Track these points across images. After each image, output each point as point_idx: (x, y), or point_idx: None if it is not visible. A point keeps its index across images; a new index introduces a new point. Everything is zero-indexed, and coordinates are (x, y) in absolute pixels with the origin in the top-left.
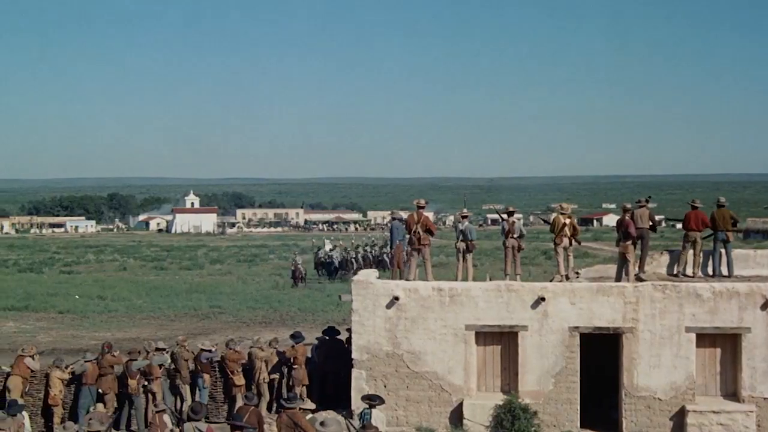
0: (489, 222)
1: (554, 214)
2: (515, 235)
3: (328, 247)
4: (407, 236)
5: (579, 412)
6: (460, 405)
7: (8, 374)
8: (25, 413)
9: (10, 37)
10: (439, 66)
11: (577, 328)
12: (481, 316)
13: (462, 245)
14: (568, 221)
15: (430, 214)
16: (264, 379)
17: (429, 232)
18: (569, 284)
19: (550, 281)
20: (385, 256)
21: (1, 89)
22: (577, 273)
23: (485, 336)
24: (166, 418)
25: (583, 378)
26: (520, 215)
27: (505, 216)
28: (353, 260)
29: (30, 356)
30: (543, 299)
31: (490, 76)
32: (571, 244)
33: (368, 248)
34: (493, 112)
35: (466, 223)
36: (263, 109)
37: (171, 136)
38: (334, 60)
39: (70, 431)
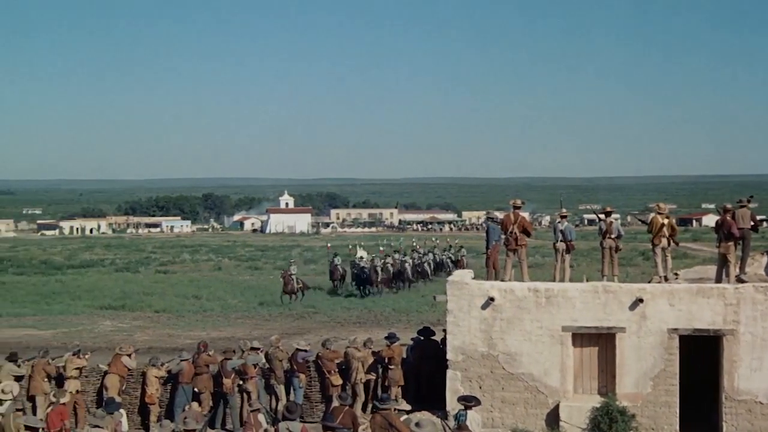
0: (585, 222)
1: (652, 214)
2: (613, 236)
3: (360, 254)
4: (502, 237)
5: (678, 415)
6: (557, 407)
7: (106, 372)
8: (122, 411)
9: (106, 37)
10: (536, 64)
11: (676, 330)
12: (578, 317)
13: (561, 245)
14: (666, 221)
15: (525, 215)
16: (361, 379)
17: (526, 232)
18: (668, 285)
19: (649, 282)
20: (426, 265)
21: (96, 91)
22: (676, 274)
23: (582, 337)
24: (261, 417)
25: (683, 381)
26: (618, 215)
27: (602, 216)
28: (377, 270)
29: (127, 355)
30: (641, 300)
31: (586, 74)
32: (669, 244)
33: (407, 256)
34: (591, 111)
35: (566, 223)
36: (358, 109)
37: (266, 136)
38: (429, 60)
39: (166, 429)
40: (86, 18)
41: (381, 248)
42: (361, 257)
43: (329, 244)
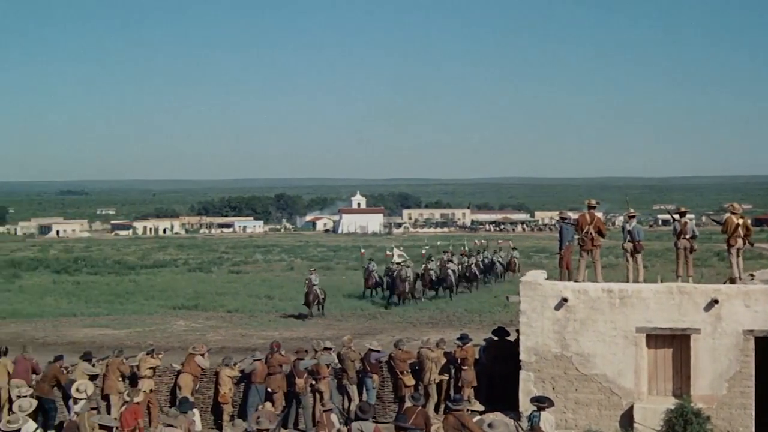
0: (660, 222)
1: (727, 215)
2: (687, 236)
3: (395, 259)
4: (576, 237)
5: (753, 417)
6: (631, 409)
7: (179, 372)
8: (195, 410)
9: (177, 38)
10: (608, 63)
11: (751, 331)
12: (652, 318)
13: (629, 246)
14: (741, 222)
15: (599, 215)
16: (434, 380)
17: (600, 233)
18: (743, 286)
19: (724, 283)
20: (474, 268)
21: (170, 92)
22: (752, 275)
23: (656, 339)
24: (334, 417)
25: (758, 382)
26: (692, 215)
27: (676, 216)
28: (402, 277)
29: (200, 354)
30: (716, 301)
31: (660, 74)
32: (744, 245)
33: (454, 258)
34: (665, 110)
35: (634, 223)
36: (429, 109)
37: (338, 136)
38: (501, 59)
39: (239, 429)
40: (162, 18)
41: (423, 251)
42: (397, 263)
43: (363, 249)
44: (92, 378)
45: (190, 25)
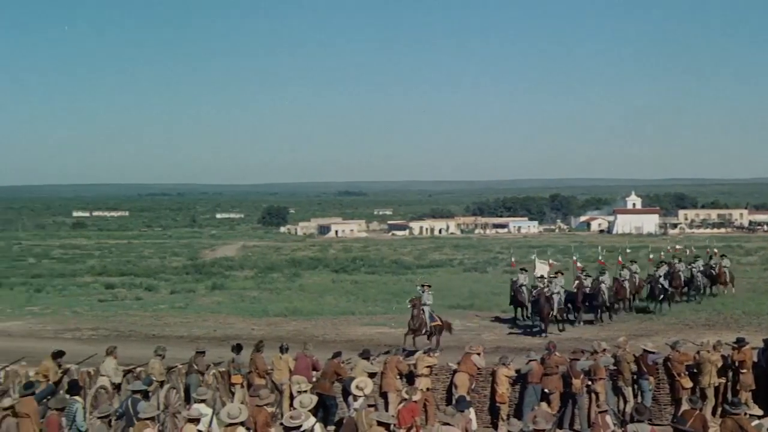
0: None
1: None
2: None
3: (538, 271)
4: None
5: None
6: None
7: (455, 371)
8: (471, 409)
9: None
10: None
11: None
12: None
13: None
14: None
15: None
16: (712, 383)
17: None
18: None
19: None
20: (662, 278)
21: (445, 95)
22: None
23: None
24: (608, 418)
25: None
26: None
27: None
28: (550, 298)
29: (476, 354)
30: None
31: None
32: None
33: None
34: None
35: None
36: (705, 107)
37: (612, 136)
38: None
39: (515, 428)
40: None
41: (574, 257)
42: (541, 277)
43: (514, 259)
44: (371, 376)
45: (461, 23)
